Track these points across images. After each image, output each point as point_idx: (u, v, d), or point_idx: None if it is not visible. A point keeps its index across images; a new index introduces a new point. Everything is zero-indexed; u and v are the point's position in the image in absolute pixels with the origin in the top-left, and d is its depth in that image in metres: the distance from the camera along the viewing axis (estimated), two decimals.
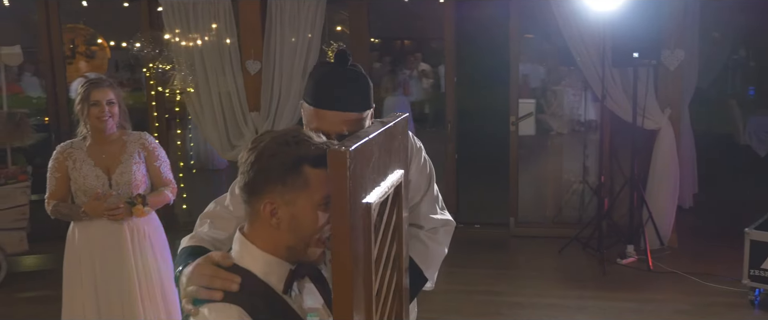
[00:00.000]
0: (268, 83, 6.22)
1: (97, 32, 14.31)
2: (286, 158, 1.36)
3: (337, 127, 1.85)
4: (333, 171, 1.20)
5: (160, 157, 3.34)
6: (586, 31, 5.49)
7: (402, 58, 12.33)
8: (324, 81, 1.86)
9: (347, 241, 1.22)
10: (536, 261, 5.69)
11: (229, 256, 1.45)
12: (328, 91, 1.84)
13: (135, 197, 3.22)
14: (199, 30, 6.11)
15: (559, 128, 11.37)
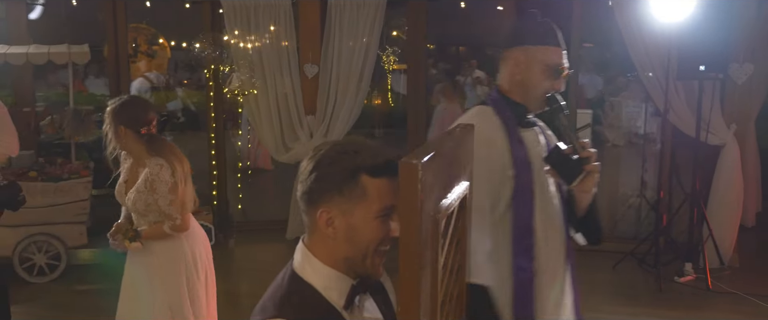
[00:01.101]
0: (325, 87, 6.28)
1: (158, 32, 14.74)
2: (344, 167, 1.35)
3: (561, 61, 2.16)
4: (405, 184, 1.20)
5: (157, 190, 3.01)
6: (650, 42, 5.36)
7: (457, 64, 12.30)
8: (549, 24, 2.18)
9: (416, 254, 1.21)
10: (590, 275, 5.56)
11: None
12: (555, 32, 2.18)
13: (127, 231, 3.10)
14: (259, 32, 6.21)
15: (616, 140, 11.16)
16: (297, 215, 6.37)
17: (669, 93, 5.35)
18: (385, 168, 1.35)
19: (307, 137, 6.35)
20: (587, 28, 6.43)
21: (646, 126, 7.10)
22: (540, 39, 2.14)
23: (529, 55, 2.13)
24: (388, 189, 1.35)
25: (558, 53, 2.15)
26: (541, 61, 2.12)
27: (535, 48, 2.13)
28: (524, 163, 2.15)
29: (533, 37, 2.14)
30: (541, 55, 2.12)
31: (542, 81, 2.14)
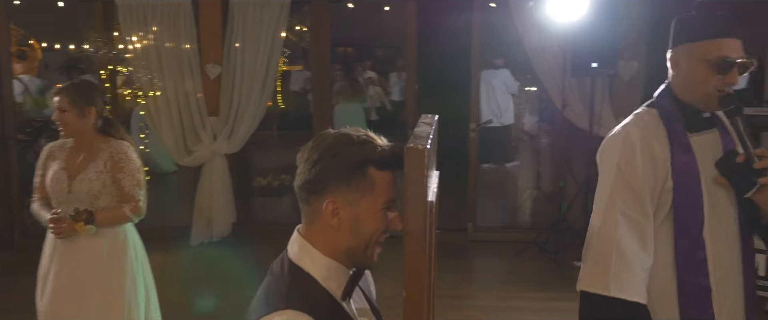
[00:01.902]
0: (228, 87, 6.15)
1: (28, 33, 13.75)
2: (352, 159, 1.36)
3: (739, 52, 1.96)
4: (412, 169, 1.23)
5: (124, 169, 3.05)
6: (547, 42, 5.67)
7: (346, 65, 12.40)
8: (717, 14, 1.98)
9: (423, 239, 1.25)
10: (496, 265, 5.82)
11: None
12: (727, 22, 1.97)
13: (80, 213, 2.97)
14: (157, 31, 5.98)
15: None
16: (201, 220, 6.20)
17: (564, 89, 5.69)
18: (392, 161, 1.37)
19: (211, 139, 6.19)
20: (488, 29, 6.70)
21: (540, 122, 7.50)
22: (697, 34, 1.97)
23: (689, 53, 1.98)
24: (391, 181, 1.38)
25: (722, 45, 1.93)
26: (700, 58, 1.94)
27: (693, 45, 1.97)
28: (688, 173, 1.98)
29: (688, 34, 2.00)
30: (700, 51, 1.95)
31: (708, 78, 1.94)
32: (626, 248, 1.95)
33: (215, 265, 5.88)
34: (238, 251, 6.13)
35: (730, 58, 1.91)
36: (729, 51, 1.91)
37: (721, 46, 1.92)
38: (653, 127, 2.01)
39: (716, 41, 1.92)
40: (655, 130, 2.00)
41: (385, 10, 12.72)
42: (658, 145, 1.98)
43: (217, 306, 4.91)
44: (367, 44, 15.21)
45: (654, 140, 1.98)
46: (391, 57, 13.98)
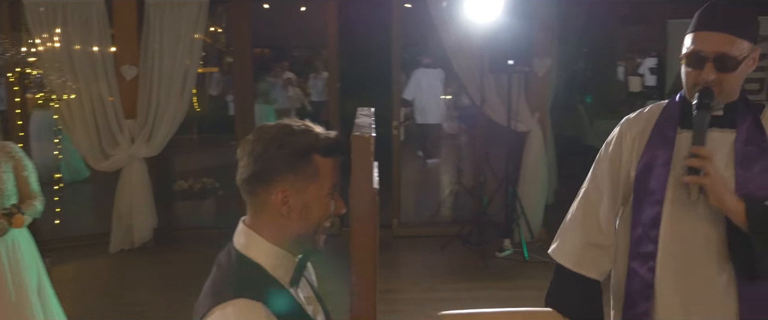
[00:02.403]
0: (146, 89, 6.00)
1: None
2: (297, 148, 1.39)
3: (713, 45, 1.79)
4: (359, 156, 1.28)
5: (27, 166, 3.24)
6: (465, 41, 5.85)
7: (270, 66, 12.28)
8: (712, 4, 1.84)
9: (370, 224, 1.31)
10: (422, 259, 5.95)
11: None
12: (709, 12, 1.83)
13: (10, 207, 3.07)
14: (69, 32, 5.77)
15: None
16: (121, 226, 6.02)
17: (483, 87, 5.89)
18: (335, 148, 1.42)
19: (129, 143, 6.02)
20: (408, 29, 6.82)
21: (460, 119, 7.71)
22: (688, 28, 1.87)
23: (684, 45, 1.88)
24: (334, 168, 1.43)
25: (697, 38, 1.81)
26: (683, 52, 1.86)
27: (685, 38, 1.87)
28: (653, 167, 1.91)
29: (689, 28, 1.89)
30: (685, 45, 1.86)
31: (687, 72, 1.86)
32: (572, 218, 2.07)
33: (136, 272, 5.73)
34: (160, 256, 6.00)
35: (701, 52, 1.80)
36: (702, 45, 1.79)
37: (696, 39, 1.81)
38: (647, 118, 1.98)
39: (693, 34, 1.83)
40: (646, 122, 1.97)
41: (302, 11, 12.70)
42: (635, 136, 1.97)
43: (139, 312, 4.79)
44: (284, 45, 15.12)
45: (636, 130, 1.97)
46: (309, 57, 13.94)
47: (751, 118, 1.87)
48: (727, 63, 1.78)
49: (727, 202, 1.75)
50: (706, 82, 1.79)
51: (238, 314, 1.32)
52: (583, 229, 2.04)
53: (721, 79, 1.79)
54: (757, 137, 1.85)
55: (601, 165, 2.04)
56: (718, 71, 1.78)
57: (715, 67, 1.78)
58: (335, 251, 1.71)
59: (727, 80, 1.80)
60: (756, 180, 1.82)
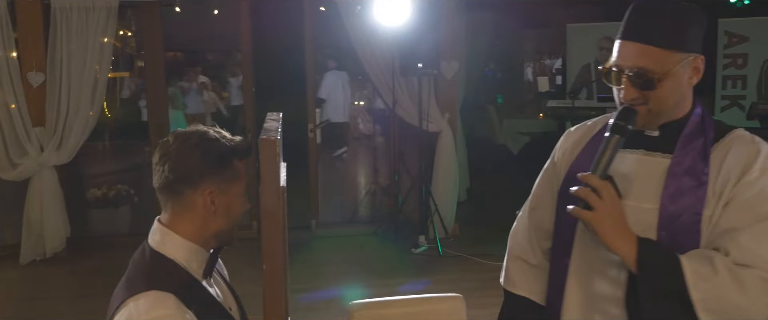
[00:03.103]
0: (54, 96, 5.88)
1: None
2: (221, 152, 1.54)
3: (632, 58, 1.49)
4: (266, 157, 1.43)
5: None
6: (376, 45, 6.05)
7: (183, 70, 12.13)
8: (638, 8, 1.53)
9: (278, 217, 1.45)
10: (342, 258, 6.11)
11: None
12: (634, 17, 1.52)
13: None
14: None
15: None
16: (31, 237, 5.88)
17: (395, 89, 6.11)
18: (248, 151, 1.58)
19: (37, 151, 5.87)
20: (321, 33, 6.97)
21: (374, 121, 7.91)
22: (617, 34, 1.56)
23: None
24: (244, 169, 1.57)
25: (617, 48, 1.53)
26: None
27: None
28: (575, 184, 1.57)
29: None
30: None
31: (605, 77, 1.59)
32: (511, 239, 1.88)
33: (48, 283, 5.61)
34: (73, 266, 5.89)
35: (617, 66, 1.52)
36: (620, 57, 1.52)
37: (618, 49, 1.53)
38: (584, 132, 1.74)
39: (617, 43, 1.54)
40: (581, 136, 1.73)
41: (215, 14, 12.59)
42: (566, 150, 1.75)
43: None
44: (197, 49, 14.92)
45: (570, 143, 1.75)
46: (223, 61, 13.84)
47: (699, 145, 1.53)
48: (644, 79, 1.48)
49: (616, 244, 1.46)
50: (630, 101, 1.51)
51: (150, 305, 1.42)
52: (513, 241, 1.86)
53: (647, 96, 1.50)
54: (697, 168, 1.50)
55: (539, 179, 1.85)
56: (638, 89, 1.49)
57: (633, 83, 1.49)
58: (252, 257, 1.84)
59: (654, 98, 1.50)
60: (683, 218, 1.49)
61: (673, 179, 1.50)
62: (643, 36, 1.48)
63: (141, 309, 1.42)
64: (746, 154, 1.50)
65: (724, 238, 1.45)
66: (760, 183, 1.46)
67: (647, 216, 1.51)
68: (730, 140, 1.54)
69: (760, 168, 1.47)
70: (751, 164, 1.48)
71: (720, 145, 1.53)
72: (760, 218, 1.43)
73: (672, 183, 1.50)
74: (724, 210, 1.47)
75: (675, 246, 1.47)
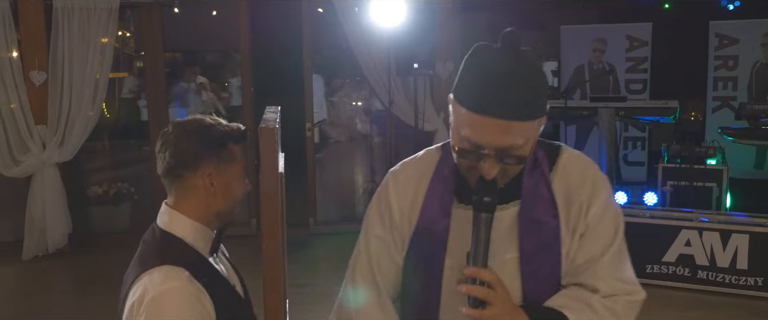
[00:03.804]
0: (56, 95, 5.98)
1: None
2: (217, 136, 1.64)
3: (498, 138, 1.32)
4: (265, 144, 1.54)
5: None
6: (373, 46, 6.16)
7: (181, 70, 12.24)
8: (488, 75, 1.32)
9: (277, 199, 1.56)
10: (339, 255, 6.17)
11: None
12: (491, 89, 1.30)
13: None
14: None
15: (338, 136, 12.17)
16: (34, 233, 5.98)
17: (391, 89, 6.22)
18: (244, 136, 1.69)
19: (40, 148, 5.97)
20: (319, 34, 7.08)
21: (370, 121, 8.02)
22: (461, 92, 1.37)
23: (454, 107, 1.39)
24: (242, 153, 1.69)
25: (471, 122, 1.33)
26: (456, 125, 1.39)
27: (457, 104, 1.37)
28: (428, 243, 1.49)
29: (457, 84, 1.39)
30: (458, 117, 1.37)
31: (460, 154, 1.39)
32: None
33: (51, 278, 5.71)
34: (75, 261, 5.99)
35: (479, 145, 1.34)
36: (481, 135, 1.33)
37: (473, 124, 1.33)
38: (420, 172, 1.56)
39: (468, 114, 1.33)
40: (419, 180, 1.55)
41: (214, 15, 12.70)
42: (405, 203, 1.55)
43: (55, 315, 4.81)
44: (196, 49, 15.02)
45: (409, 193, 1.55)
46: (221, 62, 13.95)
47: (540, 179, 1.48)
48: (512, 154, 1.35)
49: None
50: (494, 176, 1.36)
51: (163, 277, 1.54)
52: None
53: (507, 168, 1.38)
54: (546, 205, 1.46)
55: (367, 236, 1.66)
56: (502, 163, 1.36)
57: (498, 159, 1.35)
58: (250, 253, 1.94)
59: (512, 169, 1.40)
60: (542, 262, 1.46)
61: (525, 224, 1.45)
62: (509, 112, 1.30)
63: (155, 282, 1.53)
64: (584, 180, 1.48)
65: (586, 273, 1.46)
66: (605, 211, 1.47)
67: (510, 266, 1.45)
68: (563, 165, 1.50)
69: (603, 198, 1.47)
70: (596, 192, 1.47)
71: (557, 173, 1.49)
72: (609, 244, 1.47)
73: (525, 229, 1.45)
74: (579, 243, 1.46)
75: (540, 291, 1.45)
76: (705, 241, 4.85)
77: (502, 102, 1.29)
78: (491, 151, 1.33)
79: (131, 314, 1.55)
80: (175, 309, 1.51)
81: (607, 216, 1.48)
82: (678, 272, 4.94)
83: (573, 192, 1.47)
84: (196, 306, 1.54)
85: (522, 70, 1.31)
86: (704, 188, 5.85)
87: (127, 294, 1.59)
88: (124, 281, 1.68)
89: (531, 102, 1.32)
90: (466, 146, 1.35)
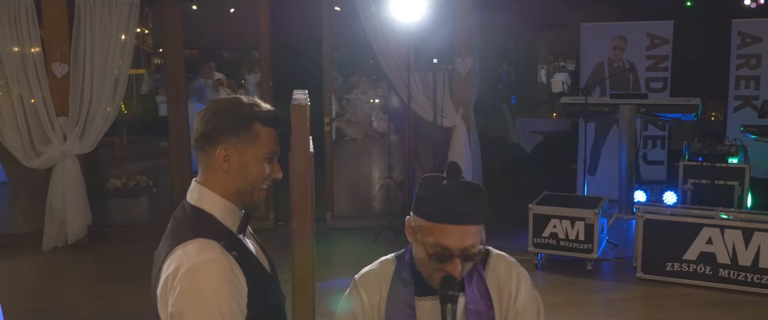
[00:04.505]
0: (77, 87, 6.03)
1: None
2: (241, 114, 1.65)
3: (461, 240, 1.69)
4: (297, 122, 1.54)
5: None
6: (392, 41, 6.16)
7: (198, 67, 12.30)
8: (445, 195, 1.71)
9: (306, 177, 1.56)
10: (355, 249, 6.21)
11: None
12: (450, 204, 1.69)
13: None
14: None
15: (353, 134, 12.17)
16: (54, 224, 6.03)
17: (410, 84, 6.21)
18: (274, 119, 1.68)
19: (61, 140, 6.03)
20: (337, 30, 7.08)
21: (388, 117, 8.01)
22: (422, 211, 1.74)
23: (420, 224, 1.74)
24: (273, 137, 1.68)
25: (436, 231, 1.70)
26: (423, 237, 1.73)
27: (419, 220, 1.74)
28: None
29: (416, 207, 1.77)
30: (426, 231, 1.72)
31: (428, 260, 1.72)
32: None
33: (70, 268, 5.76)
34: (95, 253, 6.04)
35: (448, 249, 1.69)
36: (449, 240, 1.68)
37: (439, 233, 1.69)
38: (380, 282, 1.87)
39: (432, 226, 1.69)
40: (380, 286, 1.86)
41: (231, 12, 12.76)
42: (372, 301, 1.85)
43: (74, 305, 4.85)
44: (213, 46, 15.08)
45: (373, 294, 1.85)
46: (237, 59, 14.00)
47: (476, 275, 1.83)
48: (472, 254, 1.71)
49: None
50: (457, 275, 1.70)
51: (198, 249, 1.55)
52: None
53: (465, 266, 1.74)
54: (483, 296, 1.81)
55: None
56: (465, 262, 1.72)
57: (462, 259, 1.70)
58: (268, 247, 1.93)
59: (467, 265, 1.76)
60: None
61: (472, 312, 1.80)
62: (467, 218, 1.69)
63: (190, 254, 1.54)
64: (510, 274, 1.85)
65: None
66: (529, 299, 1.84)
67: None
68: (493, 264, 1.87)
69: (524, 289, 1.84)
70: (520, 284, 1.85)
71: (489, 269, 1.86)
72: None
73: (473, 316, 1.80)
74: None
75: None
76: (727, 239, 4.79)
77: (461, 212, 1.68)
78: (457, 251, 1.68)
79: (166, 287, 1.56)
80: (210, 280, 1.52)
81: (532, 304, 1.84)
82: (699, 270, 4.89)
83: (503, 285, 1.83)
84: (230, 277, 1.55)
85: (468, 189, 1.72)
86: (726, 187, 5.79)
87: (160, 268, 1.60)
88: (155, 257, 1.69)
89: (479, 211, 1.71)
90: (438, 250, 1.69)
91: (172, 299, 1.54)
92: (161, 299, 1.59)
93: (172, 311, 1.54)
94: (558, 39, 12.78)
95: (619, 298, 4.86)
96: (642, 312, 4.65)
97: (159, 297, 1.60)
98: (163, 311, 1.60)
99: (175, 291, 1.53)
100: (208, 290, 1.52)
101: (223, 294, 1.53)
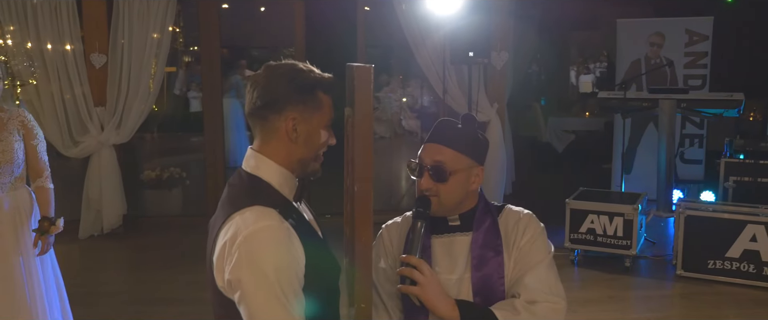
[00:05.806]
0: (115, 78, 6.10)
1: None
2: (306, 82, 1.62)
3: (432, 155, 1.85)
4: (360, 83, 1.51)
5: (37, 135, 3.14)
6: (427, 34, 6.13)
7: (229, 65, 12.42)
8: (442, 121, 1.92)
9: (368, 136, 1.53)
10: None
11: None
12: (436, 128, 1.91)
13: (42, 223, 3.11)
14: (38, 19, 5.85)
15: (383, 132, 12.17)
16: (90, 213, 6.10)
17: (445, 78, 6.17)
18: (334, 86, 1.65)
19: (98, 130, 6.10)
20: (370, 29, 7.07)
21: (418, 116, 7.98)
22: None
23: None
24: (331, 104, 1.66)
25: (421, 149, 1.91)
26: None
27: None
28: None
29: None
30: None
31: (409, 169, 1.92)
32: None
33: (106, 255, 5.82)
34: (130, 242, 6.09)
35: (421, 161, 1.87)
36: (424, 155, 1.87)
37: (421, 150, 1.90)
38: (403, 226, 2.00)
39: (423, 145, 1.91)
40: (401, 230, 2.00)
41: (262, 11, 12.86)
42: (393, 242, 1.99)
43: (111, 291, 4.89)
44: (244, 44, 15.23)
45: (395, 236, 1.99)
46: (267, 57, 14.09)
47: (489, 221, 1.91)
48: (439, 173, 1.83)
49: (440, 309, 1.77)
50: (425, 190, 1.85)
51: (256, 216, 1.52)
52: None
53: (438, 188, 1.84)
54: (492, 240, 1.89)
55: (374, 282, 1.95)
56: (434, 181, 1.84)
57: (431, 176, 1.84)
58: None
59: (443, 190, 1.84)
60: (490, 281, 1.86)
61: (475, 249, 1.88)
62: (444, 139, 1.86)
63: (248, 221, 1.51)
64: (517, 221, 1.93)
65: (517, 286, 1.86)
66: (536, 239, 1.90)
67: (463, 285, 1.88)
68: (505, 214, 1.96)
69: (531, 231, 1.91)
70: (528, 227, 1.91)
71: (501, 218, 1.94)
72: (540, 261, 1.87)
73: (476, 253, 1.88)
74: (514, 266, 1.89)
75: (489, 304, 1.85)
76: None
77: (440, 133, 1.88)
78: (427, 166, 1.85)
79: (223, 253, 1.54)
80: (268, 247, 1.50)
81: (538, 242, 1.90)
82: (742, 268, 4.77)
83: (510, 229, 1.92)
84: (287, 244, 1.52)
85: (467, 124, 1.89)
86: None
87: (217, 235, 1.58)
88: (211, 225, 1.66)
89: (460, 139, 1.86)
90: (413, 165, 1.89)
91: (229, 266, 1.52)
92: (218, 266, 1.57)
93: (230, 278, 1.52)
94: (588, 40, 12.65)
95: (658, 295, 4.76)
96: (683, 309, 4.55)
97: (215, 264, 1.58)
98: (219, 278, 1.58)
99: (233, 258, 1.51)
100: (267, 257, 1.50)
101: (281, 262, 1.52)
